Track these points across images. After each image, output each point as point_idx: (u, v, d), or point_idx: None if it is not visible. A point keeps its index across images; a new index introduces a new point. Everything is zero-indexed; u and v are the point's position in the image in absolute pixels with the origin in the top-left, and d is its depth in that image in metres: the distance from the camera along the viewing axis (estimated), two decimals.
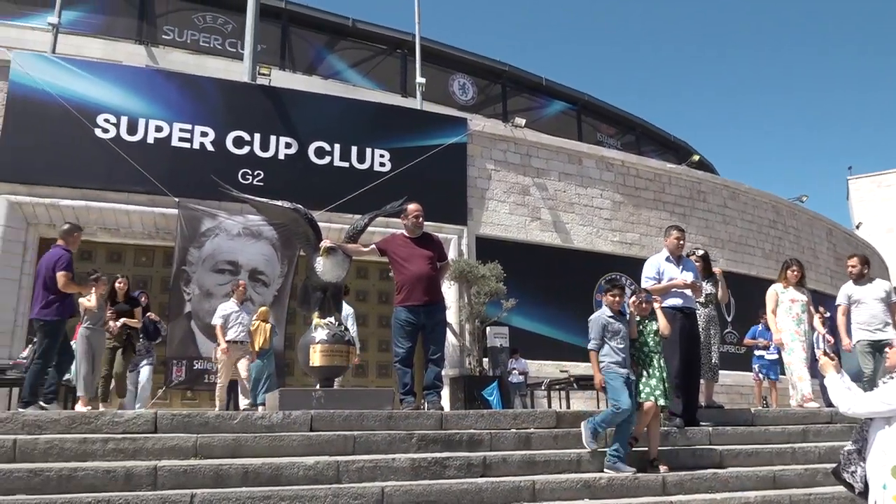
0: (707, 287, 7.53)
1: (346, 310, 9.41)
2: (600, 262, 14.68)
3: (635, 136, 25.58)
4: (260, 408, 8.63)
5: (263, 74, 14.00)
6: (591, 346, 5.82)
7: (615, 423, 5.54)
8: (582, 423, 5.72)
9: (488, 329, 12.95)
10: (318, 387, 6.51)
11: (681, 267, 6.70)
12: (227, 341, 9.13)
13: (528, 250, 14.31)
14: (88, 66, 12.44)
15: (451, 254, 12.99)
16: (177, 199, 11.78)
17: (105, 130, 11.82)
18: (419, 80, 16.06)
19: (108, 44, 16.34)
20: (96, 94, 11.92)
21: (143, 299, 9.62)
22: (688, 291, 6.61)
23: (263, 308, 10.14)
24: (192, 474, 4.49)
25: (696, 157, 23.68)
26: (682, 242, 6.78)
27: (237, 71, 14.76)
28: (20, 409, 6.40)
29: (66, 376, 8.24)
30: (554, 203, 14.91)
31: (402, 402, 6.46)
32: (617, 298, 5.84)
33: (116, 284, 8.90)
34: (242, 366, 9.22)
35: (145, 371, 9.73)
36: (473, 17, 59.18)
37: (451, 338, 12.65)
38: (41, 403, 6.92)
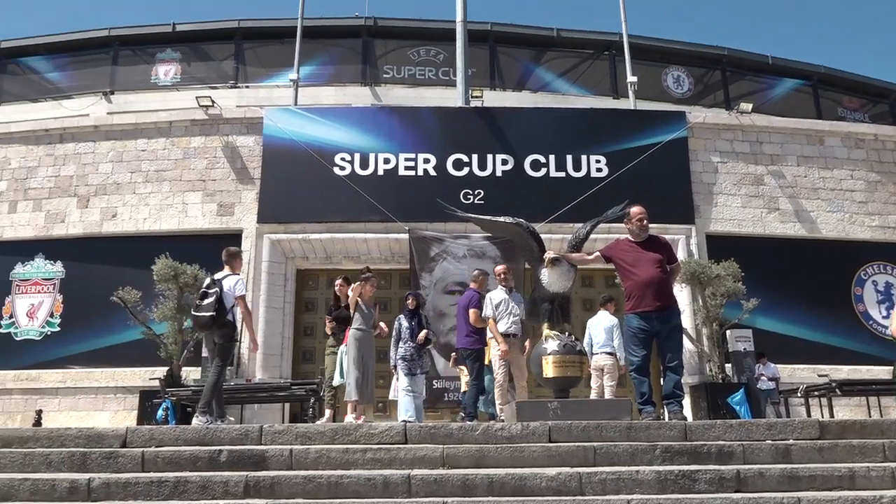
0: None
1: (611, 320, 9.26)
2: (856, 252, 13.03)
3: (888, 105, 22.39)
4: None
5: (476, 97, 14.54)
6: None
7: None
8: None
9: (728, 332, 12.06)
10: (553, 398, 6.52)
11: None
12: (502, 334, 7.76)
13: (768, 245, 13.15)
14: (324, 113, 13.87)
15: (680, 255, 12.35)
16: (406, 227, 12.60)
17: (342, 168, 13.06)
18: (630, 79, 15.58)
19: (339, 90, 18.06)
20: (332, 137, 13.24)
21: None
22: None
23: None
24: (441, 483, 4.72)
25: None
26: None
27: (451, 97, 15.49)
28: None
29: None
30: (794, 190, 13.56)
31: (640, 413, 6.23)
32: None
33: (337, 289, 8.76)
34: (520, 363, 7.89)
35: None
36: (682, 5, 56.11)
37: (687, 344, 11.98)
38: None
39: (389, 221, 12.72)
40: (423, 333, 8.35)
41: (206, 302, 6.94)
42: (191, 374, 11.69)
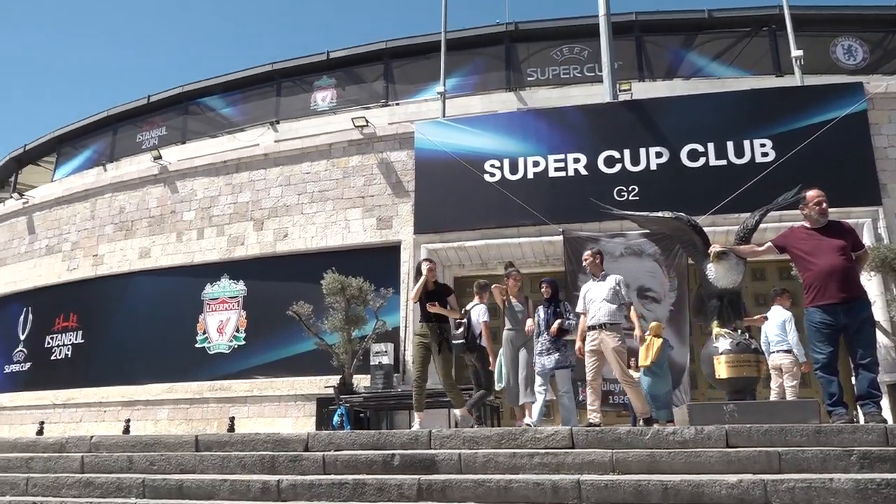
0: None
1: (783, 314, 8.66)
2: None
3: None
4: (657, 424, 8.44)
5: (624, 90, 14.12)
6: None
7: None
8: None
9: None
10: (728, 400, 6.15)
11: None
12: (589, 327, 7.33)
13: None
14: (471, 122, 14.10)
15: (866, 240, 11.20)
16: (560, 229, 12.46)
17: (492, 174, 13.19)
18: (795, 53, 14.39)
19: (484, 97, 18.24)
20: (481, 144, 13.42)
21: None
22: None
23: (655, 323, 10.01)
24: (613, 489, 4.61)
25: None
26: None
27: (598, 93, 15.13)
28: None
29: (500, 385, 8.39)
30: None
31: (830, 415, 5.71)
32: None
33: (424, 269, 7.71)
34: (611, 357, 7.17)
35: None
36: None
37: (882, 338, 10.82)
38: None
39: (542, 224, 12.66)
40: (556, 324, 7.71)
41: (459, 331, 7.90)
42: (361, 381, 12.30)
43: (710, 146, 12.54)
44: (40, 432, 14.03)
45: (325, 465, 5.39)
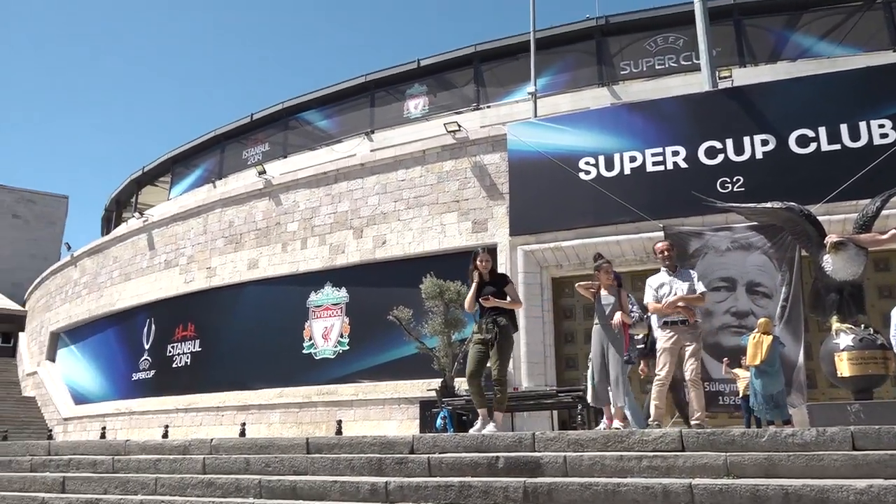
0: None
1: None
2: None
3: None
4: (772, 426, 8.01)
5: (724, 77, 13.54)
6: None
7: None
8: None
9: None
10: (852, 399, 5.76)
11: None
12: (665, 323, 6.85)
13: None
14: (563, 120, 13.93)
15: None
16: (660, 224, 12.08)
17: (587, 173, 12.97)
18: None
19: (575, 95, 17.98)
20: (574, 142, 13.22)
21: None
22: None
23: (764, 319, 9.51)
24: (728, 493, 4.41)
25: None
26: None
27: (696, 83, 14.60)
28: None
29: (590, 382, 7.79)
30: None
31: None
32: None
33: (479, 263, 6.84)
34: (691, 355, 6.67)
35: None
36: None
37: None
38: None
39: (641, 221, 12.31)
40: (617, 316, 7.00)
41: (639, 336, 7.74)
42: (462, 384, 12.36)
43: (822, 130, 11.81)
44: (165, 435, 14.99)
45: (430, 468, 5.45)
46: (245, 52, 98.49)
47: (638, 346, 7.50)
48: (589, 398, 7.36)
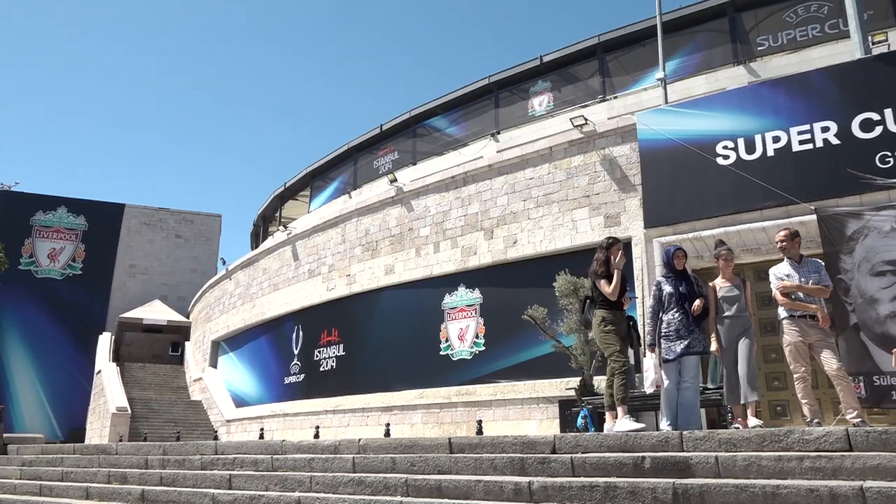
0: None
1: None
2: None
3: None
4: None
5: (878, 42, 12.35)
6: None
7: None
8: None
9: None
10: None
11: None
12: (791, 316, 6.40)
13: None
14: (696, 104, 13.26)
15: None
16: (812, 207, 11.21)
17: (725, 157, 12.28)
18: None
19: (710, 76, 17.10)
20: (710, 126, 12.56)
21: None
22: None
23: None
24: None
25: None
26: None
27: (845, 51, 13.43)
28: None
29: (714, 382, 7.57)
30: None
31: None
32: None
33: (618, 256, 7.17)
34: (826, 349, 6.26)
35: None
36: None
37: None
38: None
39: (790, 204, 11.47)
40: (698, 302, 6.68)
41: None
42: (601, 382, 12.09)
43: None
44: (316, 435, 15.83)
45: (573, 468, 5.38)
46: (371, 63, 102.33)
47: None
48: (725, 398, 6.96)
